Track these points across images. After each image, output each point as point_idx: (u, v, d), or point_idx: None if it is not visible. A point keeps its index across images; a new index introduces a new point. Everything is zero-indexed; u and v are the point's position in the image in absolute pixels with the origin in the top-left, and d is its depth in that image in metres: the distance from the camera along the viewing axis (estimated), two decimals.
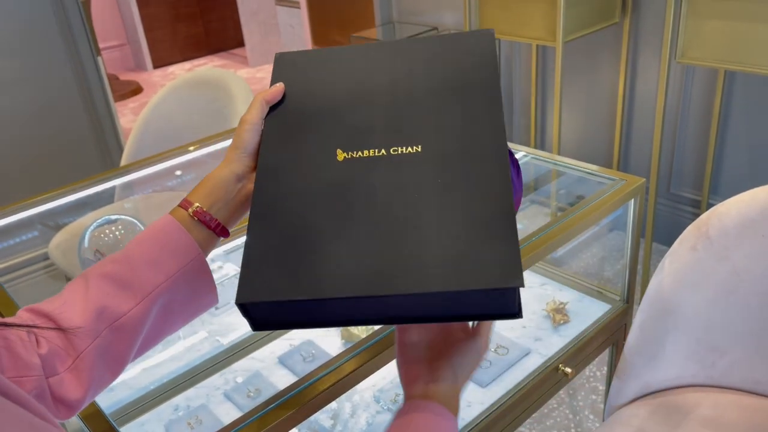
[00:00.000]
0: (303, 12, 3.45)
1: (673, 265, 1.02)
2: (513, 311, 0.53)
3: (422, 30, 2.73)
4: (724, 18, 1.64)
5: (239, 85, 1.76)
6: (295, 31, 3.64)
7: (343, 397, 1.01)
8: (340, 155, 0.61)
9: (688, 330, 1.04)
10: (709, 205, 2.18)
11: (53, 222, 1.67)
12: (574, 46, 2.27)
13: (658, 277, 1.04)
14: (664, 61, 1.79)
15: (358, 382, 0.81)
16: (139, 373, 1.08)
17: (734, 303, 1.01)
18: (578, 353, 1.12)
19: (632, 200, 1.09)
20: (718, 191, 2.17)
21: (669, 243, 2.45)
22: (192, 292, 0.60)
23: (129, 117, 4.25)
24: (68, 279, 1.60)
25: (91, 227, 1.18)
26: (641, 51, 2.17)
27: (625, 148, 2.35)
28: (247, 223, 0.59)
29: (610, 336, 1.19)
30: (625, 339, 1.14)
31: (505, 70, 2.59)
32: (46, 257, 1.71)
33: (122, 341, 0.56)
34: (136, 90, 4.71)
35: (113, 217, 1.19)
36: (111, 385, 0.60)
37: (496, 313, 0.53)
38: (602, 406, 1.73)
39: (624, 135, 2.33)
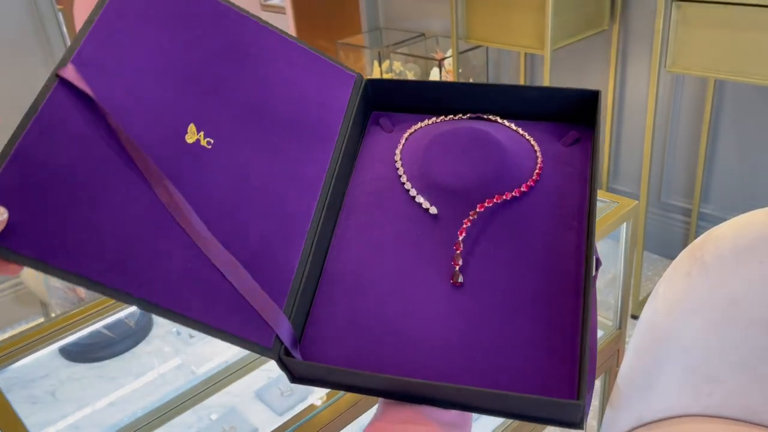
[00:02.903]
0: (289, 18, 3.40)
1: (668, 291, 0.98)
2: (575, 421, 0.47)
3: (409, 36, 2.68)
4: (714, 26, 1.60)
5: None
6: None
7: None
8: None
9: (683, 358, 1.00)
10: (700, 214, 2.15)
11: None
12: (563, 53, 2.23)
13: (651, 304, 1.00)
14: (653, 70, 1.75)
15: (359, 416, 0.74)
16: (106, 408, 1.02)
17: (731, 331, 0.97)
18: None
19: (625, 224, 1.05)
20: (709, 199, 2.14)
21: (659, 251, 2.42)
22: None
23: None
24: (42, 303, 1.54)
25: None
26: (630, 59, 2.13)
27: (615, 157, 2.32)
28: None
29: (603, 363, 1.14)
30: (618, 366, 1.10)
31: (493, 78, 2.54)
32: (17, 277, 1.65)
33: None
34: None
35: None
36: (76, 423, 0.53)
37: (555, 419, 0.48)
38: (596, 429, 1.68)
39: (614, 143, 2.29)
